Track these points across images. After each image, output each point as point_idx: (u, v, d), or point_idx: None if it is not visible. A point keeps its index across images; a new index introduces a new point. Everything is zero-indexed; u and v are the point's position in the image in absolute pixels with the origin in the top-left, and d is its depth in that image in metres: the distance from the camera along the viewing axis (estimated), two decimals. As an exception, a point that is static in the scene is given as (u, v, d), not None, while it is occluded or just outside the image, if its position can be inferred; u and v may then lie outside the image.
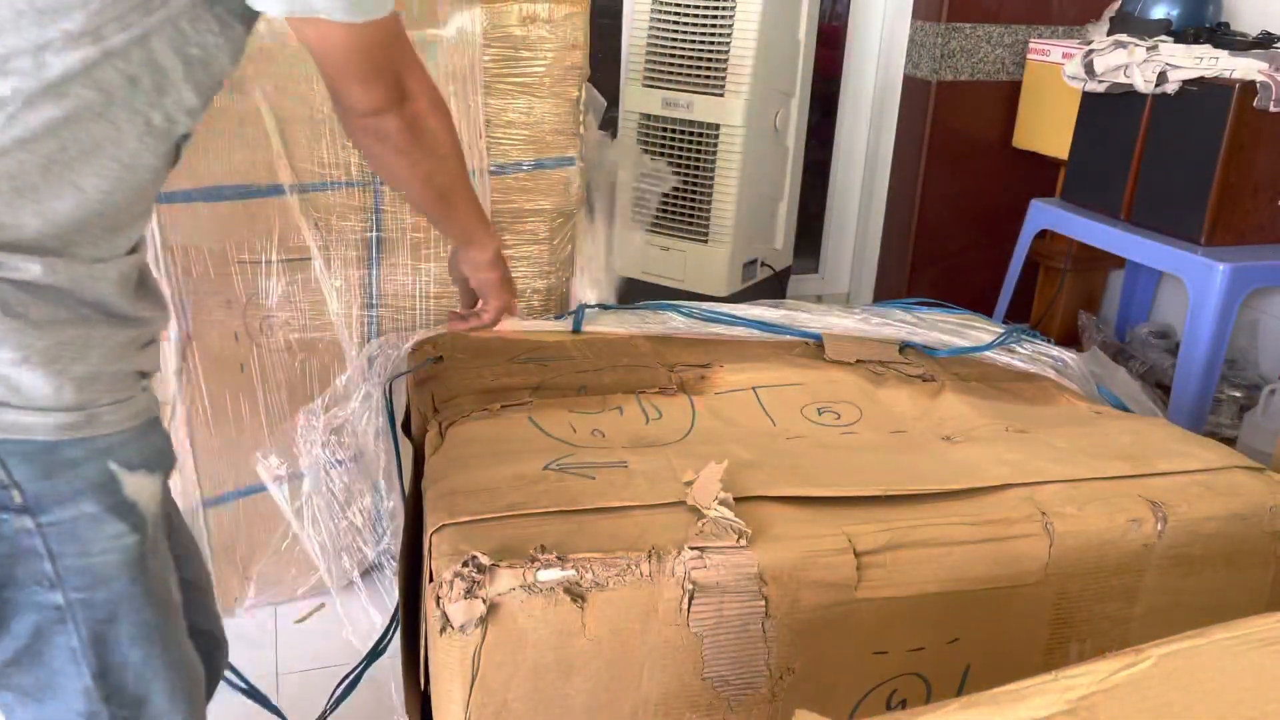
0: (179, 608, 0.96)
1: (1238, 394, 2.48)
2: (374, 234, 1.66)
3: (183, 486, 1.69)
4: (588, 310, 1.61)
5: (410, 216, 1.68)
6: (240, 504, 1.72)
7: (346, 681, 1.47)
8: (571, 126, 1.73)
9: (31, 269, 0.78)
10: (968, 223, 3.11)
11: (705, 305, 1.64)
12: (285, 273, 1.64)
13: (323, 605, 1.85)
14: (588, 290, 1.83)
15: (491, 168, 1.70)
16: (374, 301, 1.71)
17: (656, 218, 2.81)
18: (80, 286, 0.82)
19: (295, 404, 1.65)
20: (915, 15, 2.97)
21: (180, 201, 1.53)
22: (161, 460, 0.91)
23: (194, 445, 1.67)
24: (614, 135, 1.90)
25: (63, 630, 0.86)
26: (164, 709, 0.93)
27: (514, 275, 1.79)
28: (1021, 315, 2.99)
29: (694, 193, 2.75)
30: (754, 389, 1.35)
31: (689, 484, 1.01)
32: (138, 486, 0.86)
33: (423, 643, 0.99)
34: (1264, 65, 2.04)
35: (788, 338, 1.54)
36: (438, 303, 1.76)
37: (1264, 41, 2.27)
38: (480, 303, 1.45)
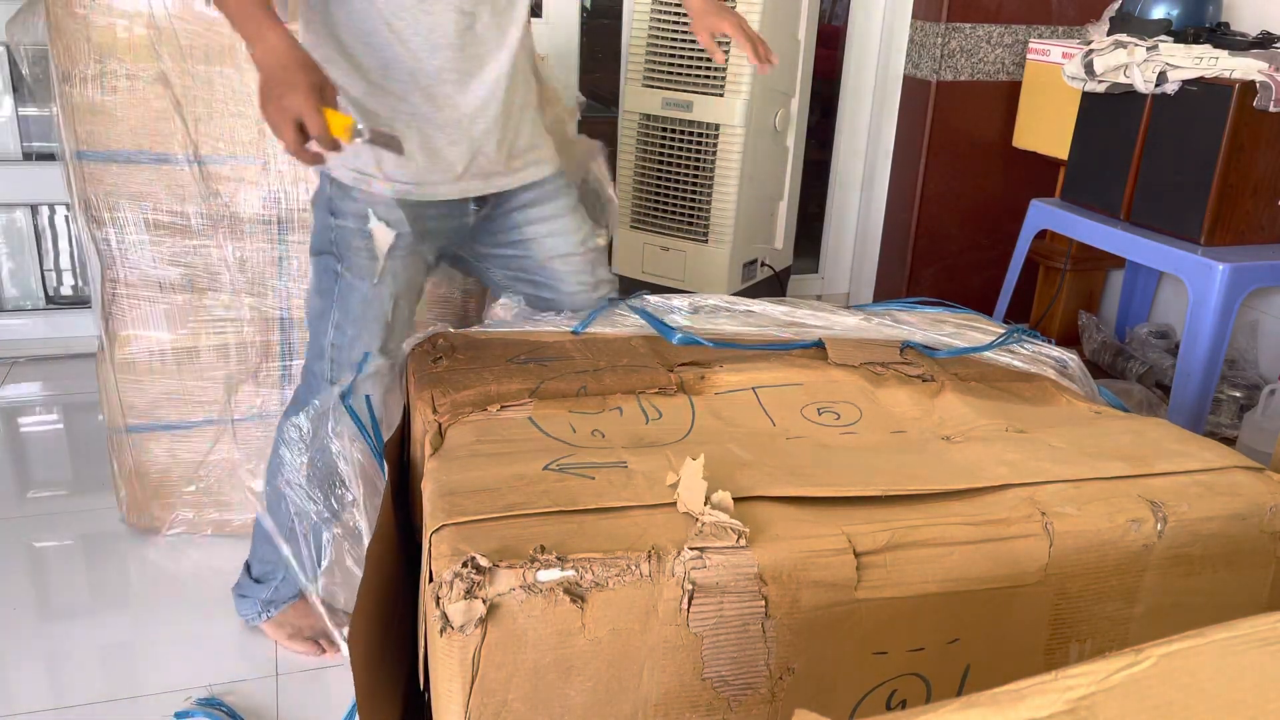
0: None
1: (1238, 394, 2.48)
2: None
3: (108, 415, 1.95)
4: (587, 310, 1.60)
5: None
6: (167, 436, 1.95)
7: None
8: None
9: None
10: (968, 223, 3.11)
11: (706, 303, 1.63)
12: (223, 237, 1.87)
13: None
14: None
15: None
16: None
17: (656, 218, 2.81)
18: None
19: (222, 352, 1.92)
20: (915, 15, 2.97)
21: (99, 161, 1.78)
22: None
23: (116, 377, 1.88)
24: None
25: None
26: None
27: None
28: (1021, 315, 2.99)
29: (694, 193, 2.75)
30: (754, 389, 1.35)
31: (673, 486, 1.00)
32: None
33: (422, 643, 0.99)
34: (1264, 65, 2.04)
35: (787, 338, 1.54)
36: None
37: (1264, 41, 2.27)
38: None
